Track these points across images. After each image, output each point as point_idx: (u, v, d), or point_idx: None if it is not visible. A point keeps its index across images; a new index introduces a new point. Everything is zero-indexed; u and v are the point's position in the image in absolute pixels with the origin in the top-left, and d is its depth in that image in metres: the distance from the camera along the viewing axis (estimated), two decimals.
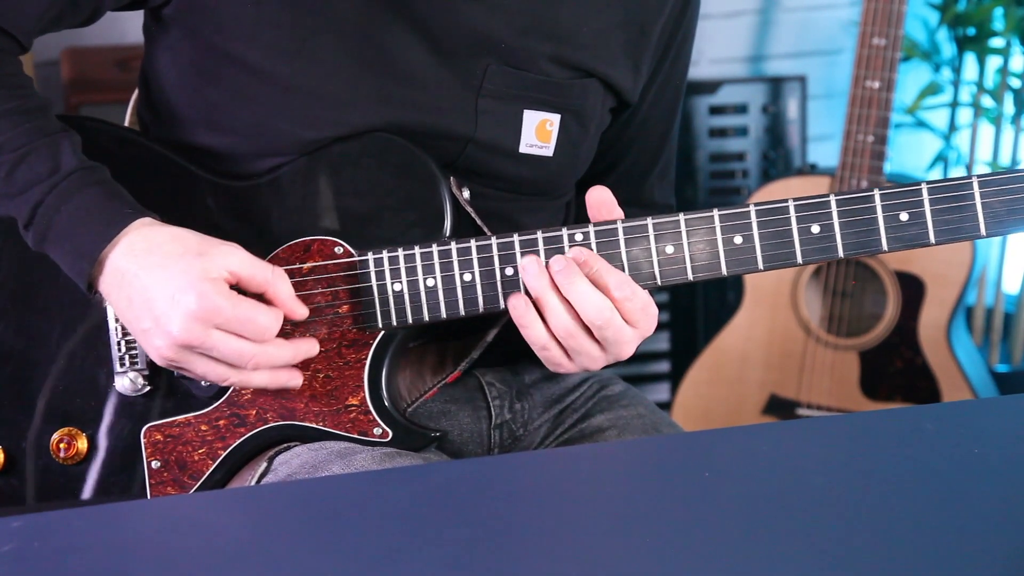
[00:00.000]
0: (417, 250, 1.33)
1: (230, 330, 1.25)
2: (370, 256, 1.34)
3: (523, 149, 1.41)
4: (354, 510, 1.06)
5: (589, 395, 1.53)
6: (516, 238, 1.32)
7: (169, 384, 1.36)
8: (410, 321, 1.33)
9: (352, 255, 1.34)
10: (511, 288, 1.32)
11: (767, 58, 3.24)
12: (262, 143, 1.36)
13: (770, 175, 3.09)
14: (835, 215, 1.29)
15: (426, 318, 1.33)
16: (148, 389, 1.36)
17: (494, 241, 1.32)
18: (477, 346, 1.39)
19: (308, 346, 1.32)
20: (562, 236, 1.31)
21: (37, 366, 1.37)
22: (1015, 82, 3.02)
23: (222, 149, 1.38)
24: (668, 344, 3.11)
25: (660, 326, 3.06)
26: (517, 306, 1.29)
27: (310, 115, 1.35)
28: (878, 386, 2.71)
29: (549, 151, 1.42)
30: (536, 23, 1.38)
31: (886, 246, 1.29)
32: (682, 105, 1.58)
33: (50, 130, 1.30)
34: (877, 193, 1.29)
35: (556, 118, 1.41)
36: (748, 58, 3.24)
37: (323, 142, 1.35)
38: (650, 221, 1.31)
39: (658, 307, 1.34)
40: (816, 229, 1.29)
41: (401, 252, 1.33)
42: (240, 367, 1.28)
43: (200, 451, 1.35)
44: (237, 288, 1.28)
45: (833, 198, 1.29)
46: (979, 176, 1.28)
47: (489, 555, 0.97)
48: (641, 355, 2.86)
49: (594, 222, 1.31)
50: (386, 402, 1.35)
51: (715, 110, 3.09)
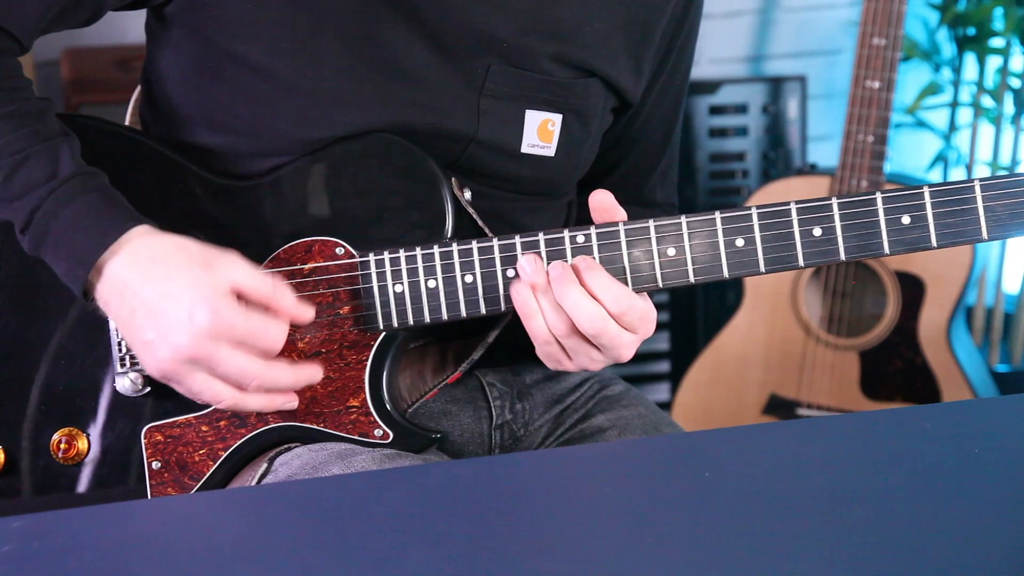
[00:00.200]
0: (418, 251, 1.33)
1: (241, 346, 1.25)
2: (371, 257, 1.33)
3: (525, 149, 1.41)
4: (354, 510, 1.05)
5: (590, 395, 1.53)
6: (518, 239, 1.31)
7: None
8: (411, 322, 1.33)
9: (353, 256, 1.34)
10: None
11: (767, 58, 3.24)
12: (263, 143, 1.36)
13: (770, 175, 3.09)
14: (837, 218, 1.29)
15: (427, 319, 1.33)
16: (148, 389, 1.35)
17: (496, 242, 1.32)
18: (478, 347, 1.39)
19: (311, 372, 1.32)
20: (564, 238, 1.31)
21: (38, 366, 1.37)
22: (1015, 82, 3.02)
23: (223, 148, 1.38)
24: (668, 344, 3.11)
25: (660, 326, 3.06)
26: (520, 292, 1.29)
27: (311, 115, 1.34)
28: (878, 386, 2.71)
29: (551, 151, 1.42)
30: (538, 23, 1.38)
31: (888, 249, 1.29)
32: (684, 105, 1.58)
33: (49, 134, 1.30)
34: (879, 196, 1.29)
35: (558, 118, 1.41)
36: (748, 58, 3.24)
37: (324, 142, 1.35)
38: (652, 223, 1.30)
39: (658, 307, 1.34)
40: (818, 232, 1.29)
41: (402, 253, 1.33)
42: (243, 386, 1.27)
43: (201, 452, 1.35)
44: (239, 300, 1.27)
45: (835, 201, 1.29)
46: (981, 179, 1.28)
47: (489, 555, 0.97)
48: (641, 355, 2.86)
49: (596, 224, 1.31)
50: (387, 403, 1.35)
51: (715, 110, 3.09)
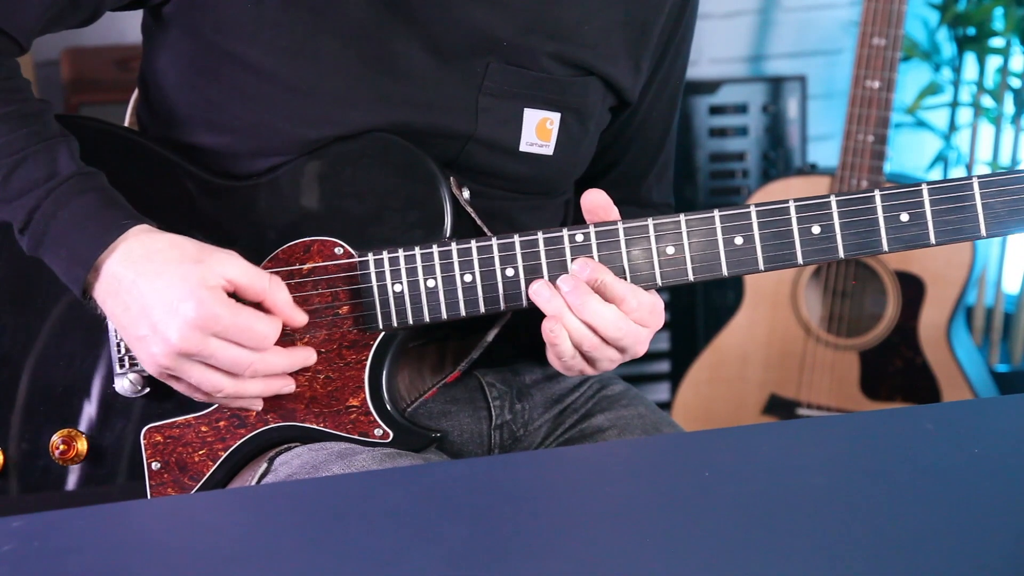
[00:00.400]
0: (417, 251, 1.33)
1: (228, 338, 1.25)
2: (370, 257, 1.33)
3: (523, 147, 1.41)
4: (354, 510, 1.05)
5: (589, 395, 1.53)
6: (517, 239, 1.31)
7: (169, 385, 1.36)
8: (410, 322, 1.33)
9: (352, 256, 1.34)
10: (512, 289, 1.32)
11: (767, 58, 3.24)
12: (261, 143, 1.36)
13: (770, 175, 3.09)
14: (836, 216, 1.29)
15: (426, 319, 1.33)
16: (148, 390, 1.35)
17: (495, 242, 1.32)
18: (477, 346, 1.38)
19: (305, 355, 1.32)
20: (563, 236, 1.31)
21: (37, 367, 1.37)
22: (1015, 82, 3.02)
23: (221, 149, 1.37)
24: (668, 344, 3.11)
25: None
26: (553, 329, 1.29)
27: (310, 114, 1.34)
28: (878, 386, 2.71)
29: (549, 149, 1.42)
30: (538, 21, 1.38)
31: (887, 247, 1.29)
32: (681, 104, 1.58)
33: (47, 135, 1.30)
34: (878, 194, 1.29)
35: (556, 116, 1.41)
36: (748, 58, 3.24)
37: (323, 142, 1.35)
38: (651, 222, 1.30)
39: (663, 303, 1.35)
40: (817, 230, 1.29)
41: (401, 253, 1.33)
42: (237, 375, 1.27)
43: (200, 452, 1.35)
44: (235, 296, 1.27)
45: (834, 199, 1.29)
46: (980, 176, 1.28)
47: (489, 555, 0.97)
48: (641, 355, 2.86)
49: (594, 223, 1.31)
50: (387, 403, 1.35)
51: (715, 110, 3.09)
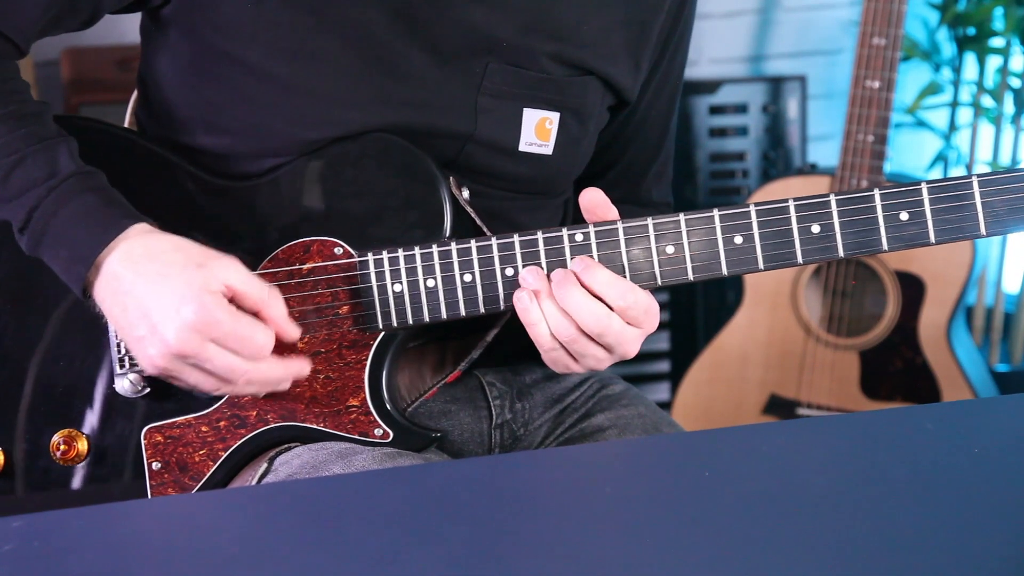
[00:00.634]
0: (417, 251, 1.33)
1: (226, 345, 1.25)
2: (370, 257, 1.33)
3: (522, 147, 1.41)
4: (354, 510, 1.05)
5: (589, 395, 1.53)
6: (516, 238, 1.31)
7: (169, 385, 1.35)
8: (410, 322, 1.33)
9: (352, 256, 1.34)
10: (512, 289, 1.32)
11: (767, 58, 3.24)
12: (261, 143, 1.36)
13: (770, 175, 3.09)
14: (835, 215, 1.29)
15: (426, 319, 1.33)
16: (148, 391, 1.35)
17: (494, 242, 1.32)
18: (477, 346, 1.38)
19: (300, 366, 1.32)
20: (562, 236, 1.31)
21: (37, 367, 1.37)
22: (1015, 82, 3.02)
23: (220, 149, 1.37)
24: (668, 344, 3.11)
25: (660, 326, 3.06)
26: (521, 299, 1.29)
27: (309, 115, 1.34)
28: (878, 386, 2.71)
29: (548, 149, 1.42)
30: (537, 21, 1.38)
31: (886, 246, 1.29)
32: (679, 103, 1.58)
33: (47, 135, 1.30)
34: (877, 193, 1.29)
35: (555, 116, 1.41)
36: (748, 58, 3.24)
37: (322, 142, 1.35)
38: (650, 221, 1.30)
39: (658, 306, 1.34)
40: (816, 229, 1.29)
41: (401, 253, 1.33)
42: (231, 382, 1.27)
43: (200, 452, 1.35)
44: (232, 303, 1.27)
45: (833, 198, 1.29)
46: (979, 175, 1.28)
47: (489, 555, 0.97)
48: (641, 355, 2.85)
49: (594, 222, 1.31)
50: (387, 403, 1.35)
51: (715, 110, 3.09)
